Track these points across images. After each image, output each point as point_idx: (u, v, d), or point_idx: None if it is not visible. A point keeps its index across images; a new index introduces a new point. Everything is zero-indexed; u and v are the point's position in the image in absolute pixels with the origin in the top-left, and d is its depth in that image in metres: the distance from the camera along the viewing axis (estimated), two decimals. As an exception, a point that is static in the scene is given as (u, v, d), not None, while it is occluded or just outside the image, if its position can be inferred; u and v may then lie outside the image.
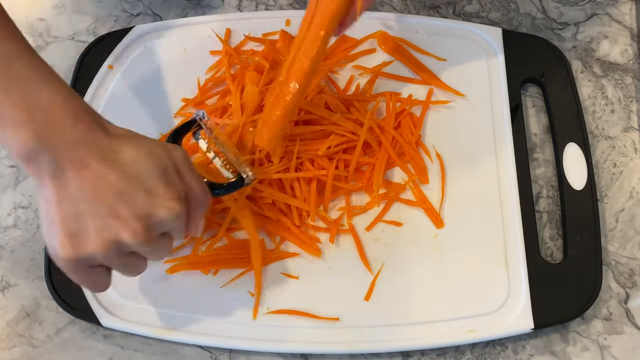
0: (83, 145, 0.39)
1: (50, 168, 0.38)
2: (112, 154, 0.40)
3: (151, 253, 0.42)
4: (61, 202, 0.38)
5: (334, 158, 0.57)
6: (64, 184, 0.38)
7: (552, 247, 0.58)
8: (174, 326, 0.53)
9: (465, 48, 0.64)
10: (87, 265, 0.40)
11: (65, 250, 0.39)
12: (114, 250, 0.39)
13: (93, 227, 0.39)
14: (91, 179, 0.39)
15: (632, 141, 0.62)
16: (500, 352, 0.54)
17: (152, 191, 0.40)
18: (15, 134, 0.38)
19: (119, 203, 0.39)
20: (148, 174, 0.40)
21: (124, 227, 0.39)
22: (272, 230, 0.56)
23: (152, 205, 0.39)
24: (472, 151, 0.59)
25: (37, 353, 0.54)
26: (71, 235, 0.39)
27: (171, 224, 0.41)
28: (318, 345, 0.52)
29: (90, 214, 0.38)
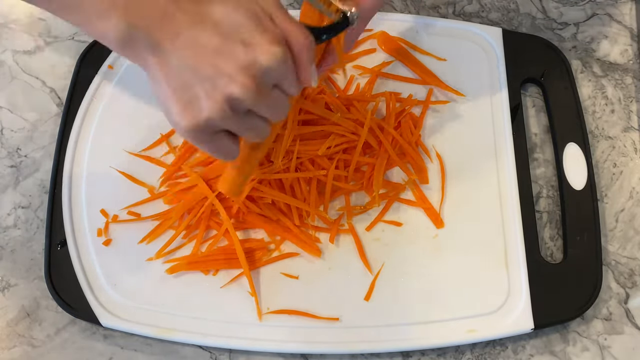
0: (170, 14, 0.39)
1: (147, 46, 0.39)
2: (200, 15, 0.39)
3: (268, 109, 0.41)
4: (167, 76, 0.39)
5: (333, 158, 0.57)
6: (165, 58, 0.39)
7: (552, 247, 0.58)
8: (174, 326, 0.53)
9: (465, 48, 0.64)
10: (211, 132, 0.40)
11: (185, 120, 0.39)
12: (229, 109, 0.39)
13: (203, 91, 0.39)
14: (187, 45, 0.39)
15: (632, 141, 0.62)
16: (500, 352, 0.54)
17: (249, 41, 0.39)
18: (106, 24, 0.38)
19: (220, 60, 0.39)
20: (241, 26, 0.39)
21: (232, 82, 0.39)
22: (272, 230, 0.56)
23: (253, 54, 0.39)
24: (472, 151, 0.59)
25: (37, 353, 0.54)
26: (185, 104, 0.39)
27: (277, 69, 0.40)
28: (318, 345, 0.52)
29: (197, 79, 0.39)
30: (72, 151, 0.59)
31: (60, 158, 0.59)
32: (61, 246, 0.56)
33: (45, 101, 0.64)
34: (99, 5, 0.38)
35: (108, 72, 0.63)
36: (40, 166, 0.61)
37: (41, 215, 0.59)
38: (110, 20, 0.38)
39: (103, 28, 0.39)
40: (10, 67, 0.65)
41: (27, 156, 0.61)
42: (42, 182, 0.60)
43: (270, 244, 0.56)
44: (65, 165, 0.59)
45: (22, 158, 0.61)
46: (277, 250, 0.56)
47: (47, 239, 0.56)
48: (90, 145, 0.60)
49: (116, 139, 0.60)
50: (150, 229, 0.56)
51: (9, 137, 0.62)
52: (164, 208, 0.57)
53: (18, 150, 0.62)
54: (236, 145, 0.43)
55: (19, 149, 0.62)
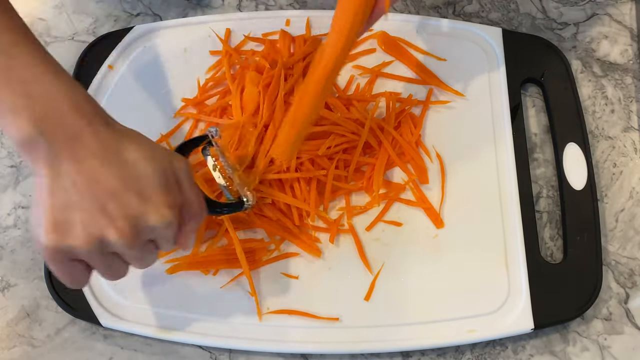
0: (82, 137, 0.38)
1: (46, 157, 0.38)
2: (111, 150, 0.39)
3: (134, 259, 0.42)
4: (53, 190, 0.38)
5: (333, 158, 0.57)
6: (59, 174, 0.38)
7: (552, 247, 0.58)
8: (174, 326, 0.53)
9: (465, 48, 0.64)
10: (68, 258, 0.40)
11: (49, 238, 0.38)
12: (97, 247, 0.39)
13: (80, 219, 0.38)
14: (87, 172, 0.38)
15: (632, 141, 0.62)
16: (500, 352, 0.54)
17: (146, 195, 0.39)
18: (14, 121, 0.38)
19: (111, 201, 0.38)
20: (146, 177, 0.40)
21: (111, 225, 0.38)
22: (272, 230, 0.56)
23: (144, 209, 0.39)
24: (472, 151, 0.59)
25: (37, 353, 0.54)
26: (57, 224, 0.38)
27: (160, 231, 0.40)
28: (318, 345, 0.52)
29: (80, 206, 0.38)
30: (72, 151, 0.59)
31: (60, 158, 0.59)
32: (61, 246, 0.56)
33: (45, 101, 0.64)
34: (14, 100, 0.38)
35: (108, 72, 0.63)
36: (40, 166, 0.61)
37: (41, 215, 0.59)
38: (20, 119, 0.38)
39: (10, 124, 0.38)
40: (10, 67, 0.65)
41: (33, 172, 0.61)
42: (42, 182, 0.60)
43: (270, 244, 0.56)
44: (65, 165, 0.58)
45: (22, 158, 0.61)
46: (277, 250, 0.56)
47: (47, 239, 0.56)
48: (90, 145, 0.60)
49: (116, 139, 0.60)
50: (150, 229, 0.56)
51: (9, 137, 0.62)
52: (164, 208, 0.57)
53: (18, 150, 0.62)
54: (88, 275, 0.42)
55: (19, 149, 0.62)
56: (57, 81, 0.39)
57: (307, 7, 0.68)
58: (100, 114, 0.40)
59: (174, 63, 0.64)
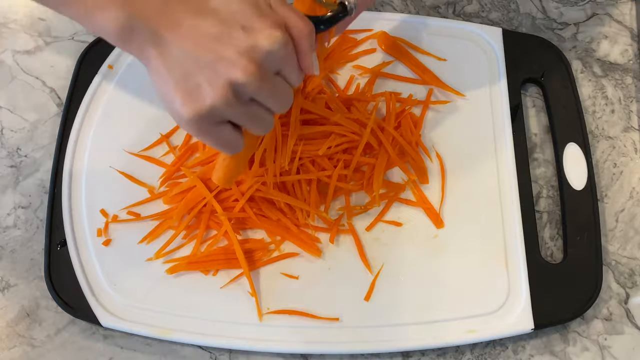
0: (170, 4, 0.39)
1: (148, 38, 0.39)
2: (199, 4, 0.39)
3: (271, 98, 0.41)
4: (169, 67, 0.39)
5: (333, 158, 0.57)
6: (166, 48, 0.39)
7: (552, 247, 0.58)
8: (174, 326, 0.53)
9: (465, 48, 0.64)
10: (214, 122, 0.40)
11: (188, 110, 0.39)
12: (232, 95, 0.39)
13: (205, 78, 0.39)
14: (188, 34, 0.39)
15: (632, 141, 0.62)
16: (500, 352, 0.54)
17: (249, 26, 0.39)
18: (106, 17, 0.38)
19: (221, 47, 0.38)
20: (240, 12, 0.39)
21: (233, 67, 0.38)
22: (272, 230, 0.56)
23: (253, 38, 0.39)
24: (472, 151, 0.59)
25: (37, 353, 0.54)
26: (187, 94, 0.39)
27: (278, 53, 0.40)
28: (318, 345, 0.52)
29: (198, 67, 0.38)
30: (72, 151, 0.59)
31: (60, 158, 0.59)
32: (61, 246, 0.56)
33: (45, 101, 0.64)
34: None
35: (108, 72, 0.63)
36: (40, 166, 0.61)
37: (41, 215, 0.59)
38: (109, 11, 0.38)
39: (102, 20, 0.39)
40: (10, 67, 0.65)
41: (27, 156, 0.61)
42: (42, 182, 0.60)
43: (270, 244, 0.56)
44: (65, 165, 0.59)
45: (22, 158, 0.61)
46: (277, 250, 0.56)
47: (47, 239, 0.56)
48: (90, 145, 0.60)
49: (116, 139, 0.60)
50: (150, 229, 0.56)
51: (9, 137, 0.62)
52: (164, 208, 0.57)
53: (18, 150, 0.62)
54: (240, 137, 0.43)
55: (19, 149, 0.62)
56: None
57: None
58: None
59: (174, 63, 0.64)
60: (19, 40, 0.66)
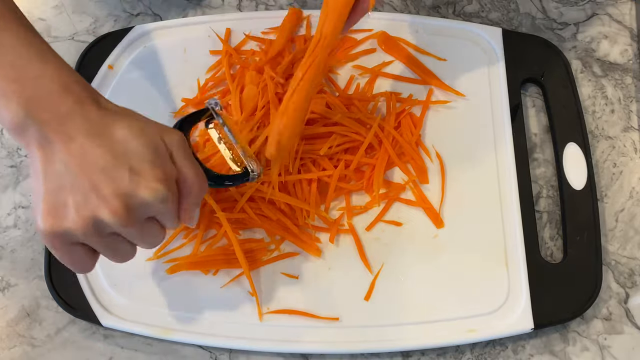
0: (71, 117, 0.38)
1: (38, 139, 0.38)
2: (101, 128, 0.39)
3: (137, 238, 0.41)
4: (46, 173, 0.38)
5: (333, 158, 0.57)
6: (51, 156, 0.38)
7: (552, 247, 0.58)
8: (174, 326, 0.53)
9: (465, 48, 0.64)
10: (68, 242, 0.39)
11: (46, 223, 0.38)
12: (93, 227, 0.38)
13: (73, 201, 0.38)
14: (77, 152, 0.38)
15: (632, 141, 0.62)
16: (500, 352, 0.54)
17: (137, 171, 0.39)
18: (5, 106, 0.38)
19: (101, 179, 0.38)
20: (136, 153, 0.39)
21: (103, 205, 0.38)
22: (272, 230, 0.56)
23: (135, 185, 0.38)
24: (472, 151, 0.59)
25: (37, 353, 0.54)
26: (52, 208, 0.38)
27: (156, 207, 0.40)
28: (318, 345, 0.52)
29: (72, 188, 0.38)
30: (72, 151, 0.59)
31: (60, 158, 0.59)
32: (61, 246, 0.56)
33: (45, 101, 0.64)
34: (4, 85, 0.38)
35: (108, 72, 0.63)
36: (40, 166, 0.61)
37: (41, 215, 0.59)
38: (10, 103, 0.38)
39: (2, 108, 0.38)
40: (10, 67, 0.65)
41: (27, 156, 0.61)
42: (42, 182, 0.60)
43: (270, 244, 0.56)
44: (65, 165, 0.58)
45: (22, 158, 0.61)
46: (277, 250, 0.56)
47: (47, 239, 0.56)
48: (90, 145, 0.60)
49: (116, 139, 0.60)
50: (150, 229, 0.56)
51: (9, 137, 0.62)
52: (164, 208, 0.57)
53: (18, 150, 0.62)
54: (93, 259, 0.42)
55: (19, 149, 0.62)
56: (45, 64, 0.39)
57: (307, 7, 0.68)
58: (90, 94, 0.40)
59: (174, 63, 0.64)
60: (19, 40, 0.66)
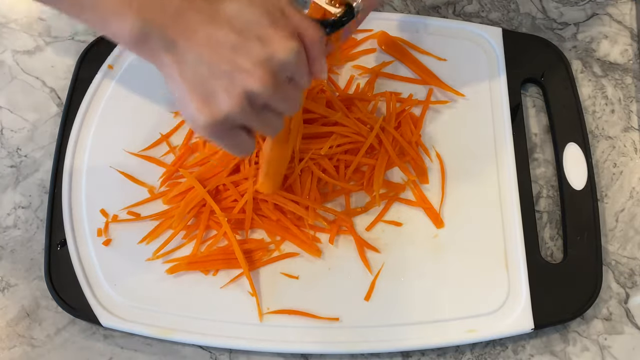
0: (185, 12, 0.39)
1: (162, 44, 0.39)
2: (214, 13, 0.40)
3: (282, 102, 0.42)
4: (184, 73, 0.39)
5: (333, 158, 0.57)
6: (181, 55, 0.39)
7: (552, 247, 0.58)
8: (174, 326, 0.53)
9: (465, 48, 0.64)
10: (228, 128, 0.41)
11: (204, 115, 0.39)
12: (247, 103, 0.40)
13: (221, 86, 0.39)
14: (203, 42, 0.39)
15: (632, 141, 0.62)
16: (500, 352, 0.54)
17: (264, 37, 0.40)
18: (120, 23, 0.39)
19: (237, 56, 0.39)
20: (255, 22, 0.40)
21: (250, 77, 0.39)
22: (272, 230, 0.56)
23: (269, 49, 0.39)
24: (472, 151, 0.59)
25: (37, 353, 0.54)
26: (203, 100, 0.39)
27: (292, 63, 0.40)
28: (318, 345, 0.52)
29: (214, 75, 0.39)
30: (72, 151, 0.59)
31: (60, 158, 0.59)
32: (61, 246, 0.56)
33: (45, 101, 0.64)
34: (113, 3, 0.38)
35: (108, 72, 0.63)
36: (40, 166, 0.61)
37: (41, 215, 0.59)
38: (125, 18, 0.38)
39: (118, 27, 0.39)
40: (10, 67, 0.65)
41: (27, 156, 0.61)
42: (42, 182, 0.60)
43: (270, 244, 0.56)
44: (65, 165, 0.59)
45: (22, 158, 0.61)
46: (277, 250, 0.56)
47: (47, 239, 0.56)
48: (90, 145, 0.60)
49: (116, 139, 0.60)
50: (150, 229, 0.56)
51: (9, 137, 0.62)
52: (164, 208, 0.57)
53: (18, 150, 0.62)
54: (253, 140, 0.44)
55: (19, 149, 0.62)
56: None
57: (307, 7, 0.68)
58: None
59: (174, 63, 0.64)
60: (19, 40, 0.67)
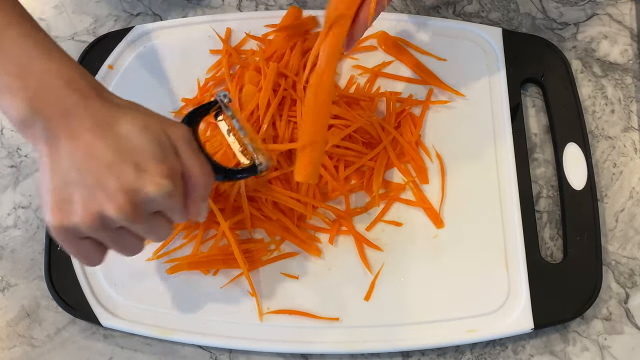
0: (76, 112, 0.39)
1: (44, 135, 0.39)
2: (106, 123, 0.39)
3: (145, 232, 0.41)
4: (54, 169, 0.39)
5: (333, 157, 0.57)
6: (57, 151, 0.38)
7: (552, 247, 0.58)
8: (174, 326, 0.53)
9: (465, 48, 0.64)
10: (77, 236, 0.40)
11: (54, 218, 0.38)
12: (99, 222, 0.39)
13: (80, 197, 0.38)
14: (82, 148, 0.38)
15: (632, 141, 0.62)
16: (500, 352, 0.54)
17: (142, 166, 0.39)
18: (10, 102, 0.38)
19: (107, 175, 0.38)
20: (140, 148, 0.39)
21: (109, 200, 0.38)
22: (272, 230, 0.56)
23: (141, 181, 0.39)
24: (472, 151, 0.59)
25: (37, 353, 0.54)
26: (60, 203, 0.38)
27: (162, 202, 0.40)
28: (318, 345, 0.52)
29: (78, 183, 0.38)
30: (72, 151, 0.59)
31: (60, 158, 0.59)
32: (61, 246, 0.56)
33: (45, 101, 0.64)
34: (9, 81, 0.38)
35: (108, 72, 0.63)
36: (40, 166, 0.61)
37: (41, 215, 0.59)
38: (16, 99, 0.38)
39: (7, 105, 0.39)
40: (10, 67, 0.65)
41: (27, 156, 0.61)
42: (42, 182, 0.60)
43: (270, 244, 0.56)
44: (65, 165, 0.58)
45: (22, 158, 0.61)
46: (277, 250, 0.56)
47: (47, 239, 0.56)
48: (90, 145, 0.60)
49: (116, 139, 0.60)
50: (150, 229, 0.56)
51: (9, 137, 0.62)
52: (164, 208, 0.57)
53: (18, 150, 0.62)
54: (102, 253, 0.42)
55: (19, 149, 0.62)
56: (50, 59, 0.39)
57: (307, 7, 0.68)
58: (95, 88, 0.40)
59: (174, 63, 0.64)
60: (19, 40, 0.66)
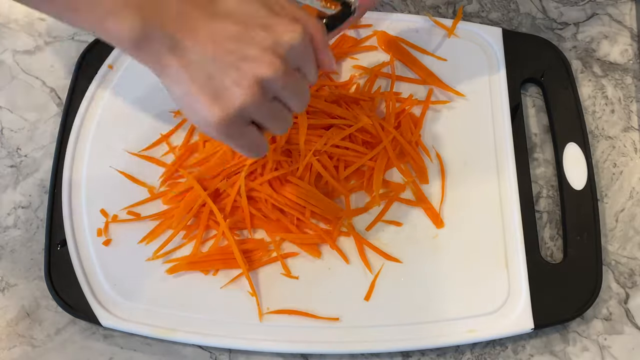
0: (186, 11, 0.38)
1: (166, 45, 0.38)
2: (214, 9, 0.39)
3: (292, 94, 0.41)
4: (190, 72, 0.38)
5: (333, 157, 0.57)
6: (185, 54, 0.38)
7: (552, 247, 0.58)
8: (174, 326, 0.53)
9: (465, 48, 0.64)
10: (240, 125, 0.40)
11: (215, 113, 0.38)
12: (260, 93, 0.39)
13: (231, 79, 0.38)
14: (207, 38, 0.38)
15: (632, 141, 0.62)
16: (500, 352, 0.54)
17: (267, 24, 0.39)
18: (118, 23, 0.37)
19: (242, 46, 0.38)
20: (254, 12, 0.39)
21: (259, 64, 0.38)
22: (272, 230, 0.56)
23: (274, 35, 0.39)
24: (472, 151, 0.59)
25: (37, 353, 0.54)
26: (213, 97, 0.38)
27: (299, 47, 0.40)
28: (318, 345, 0.52)
29: (222, 70, 0.38)
30: (72, 151, 0.59)
31: (60, 158, 0.59)
32: (61, 246, 0.56)
33: (45, 101, 0.64)
34: (110, 4, 0.37)
35: (108, 72, 0.63)
36: (40, 166, 0.61)
37: (41, 215, 0.59)
38: (123, 18, 0.37)
39: (116, 28, 0.38)
40: (10, 67, 0.65)
41: (27, 156, 0.61)
42: (42, 182, 0.60)
43: (270, 244, 0.56)
44: (65, 165, 0.59)
45: (22, 158, 0.61)
46: (277, 250, 0.56)
47: (47, 239, 0.56)
48: (90, 145, 0.60)
49: (116, 139, 0.60)
50: (150, 229, 0.56)
51: (9, 137, 0.62)
52: (164, 208, 0.57)
53: (18, 150, 0.62)
54: (265, 139, 0.43)
55: (19, 149, 0.62)
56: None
57: (306, 7, 0.68)
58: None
59: (174, 63, 0.64)
60: (19, 40, 0.67)
